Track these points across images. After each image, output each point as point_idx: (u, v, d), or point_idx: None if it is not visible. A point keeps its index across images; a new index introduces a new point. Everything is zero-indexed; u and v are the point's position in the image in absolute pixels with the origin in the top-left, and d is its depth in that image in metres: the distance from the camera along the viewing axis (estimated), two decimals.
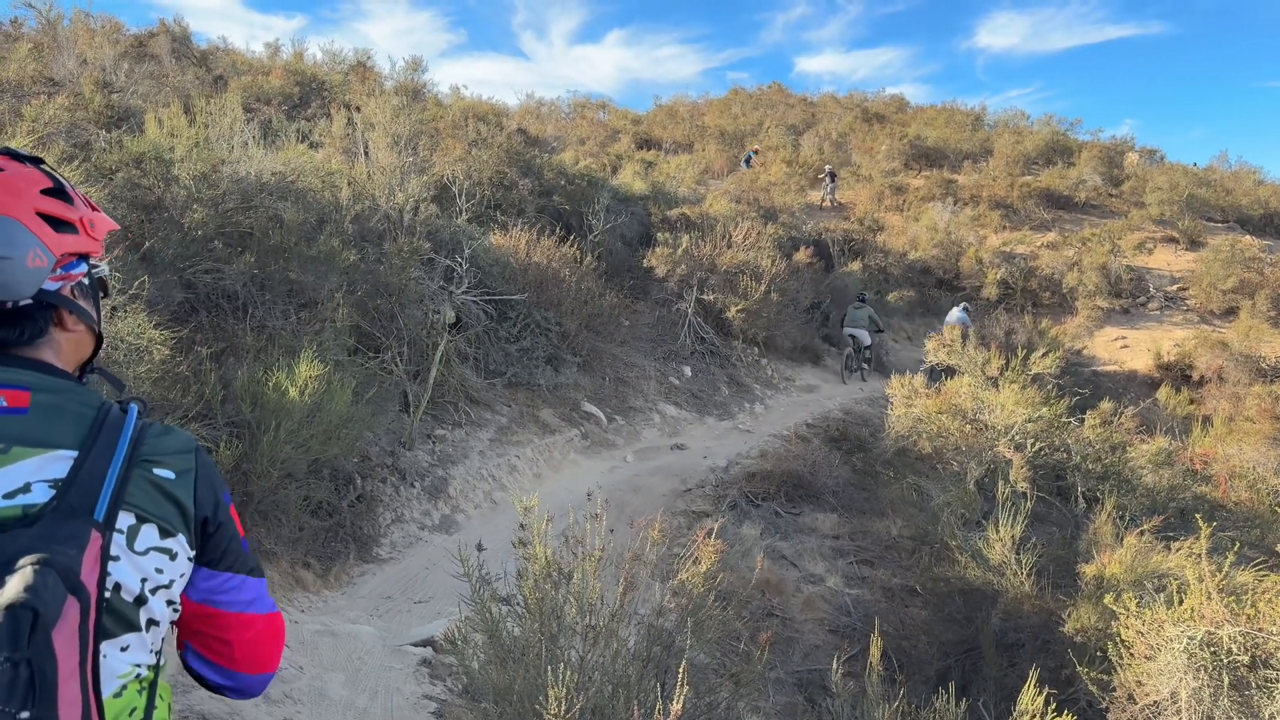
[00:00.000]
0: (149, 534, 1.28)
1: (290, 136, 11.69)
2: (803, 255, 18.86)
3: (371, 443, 8.11)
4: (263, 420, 6.42)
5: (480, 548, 3.56)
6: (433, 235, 10.68)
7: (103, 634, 1.19)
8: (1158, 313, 21.72)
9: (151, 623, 1.29)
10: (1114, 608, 3.64)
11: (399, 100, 11.74)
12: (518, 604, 3.47)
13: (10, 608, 1.02)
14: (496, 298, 11.04)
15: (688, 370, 14.32)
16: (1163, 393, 16.38)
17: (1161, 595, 3.58)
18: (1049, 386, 9.30)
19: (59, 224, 1.34)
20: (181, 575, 1.34)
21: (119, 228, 1.56)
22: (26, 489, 1.18)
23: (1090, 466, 8.18)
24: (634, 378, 13.15)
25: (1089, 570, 6.18)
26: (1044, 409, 8.26)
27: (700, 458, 11.30)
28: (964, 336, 10.75)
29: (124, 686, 1.24)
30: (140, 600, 1.26)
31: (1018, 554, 6.62)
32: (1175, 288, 22.49)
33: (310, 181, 9.19)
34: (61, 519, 1.17)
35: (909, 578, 7.84)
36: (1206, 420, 13.90)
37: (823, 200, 27.75)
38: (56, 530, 1.15)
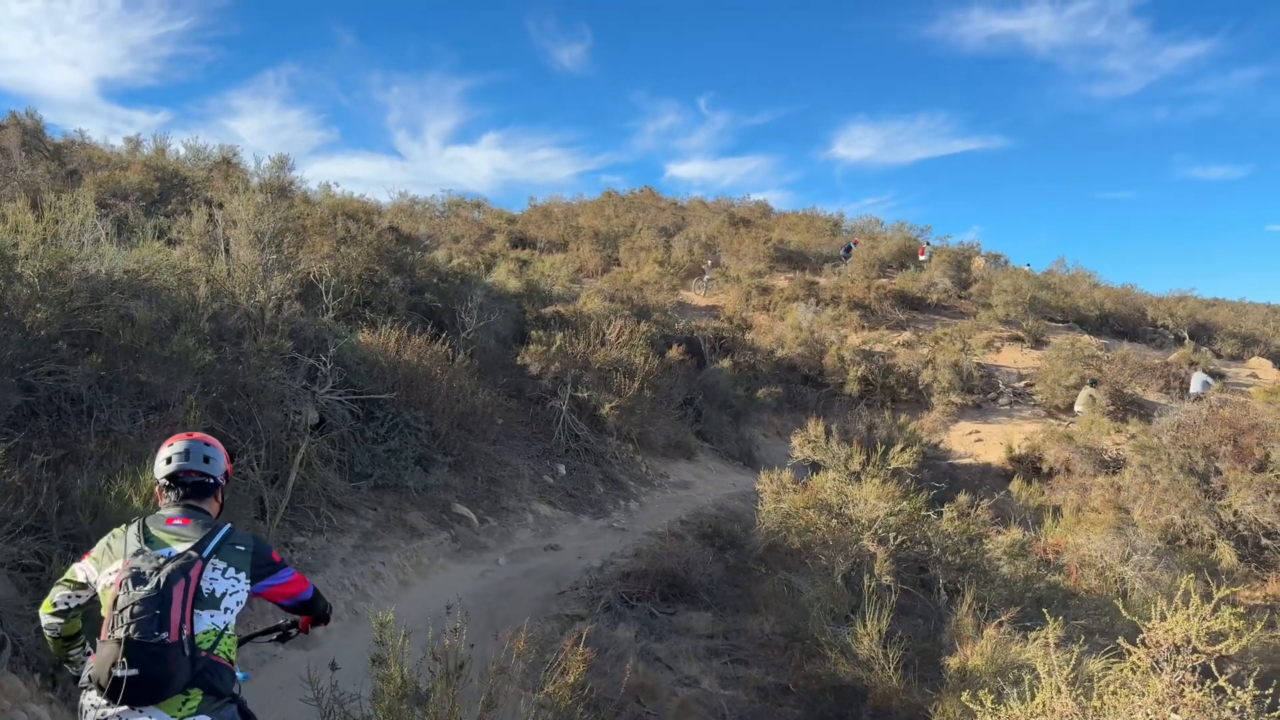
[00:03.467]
0: (229, 571, 2.98)
1: (147, 233, 11.28)
2: (675, 353, 19.20)
3: None
4: (103, 532, 5.97)
5: (334, 666, 3.37)
6: (296, 334, 10.38)
7: (199, 603, 2.85)
8: (1008, 408, 22.95)
9: (226, 610, 2.94)
10: (971, 705, 3.72)
11: (264, 197, 11.51)
12: None
13: (162, 579, 2.75)
14: (363, 397, 10.75)
15: (562, 468, 14.20)
16: (1015, 484, 17.17)
17: (1016, 691, 3.68)
18: (908, 480, 9.63)
19: (229, 460, 3.33)
20: (242, 591, 3.01)
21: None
22: (183, 562, 2.86)
23: (950, 559, 8.45)
24: (507, 477, 12.93)
25: (952, 663, 6.32)
26: (904, 503, 8.54)
27: (575, 558, 11.12)
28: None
29: (205, 631, 2.84)
30: (215, 600, 2.90)
31: (884, 648, 6.72)
32: (1023, 384, 23.85)
33: (165, 279, 8.84)
34: (188, 557, 2.88)
35: (782, 676, 7.82)
36: (1057, 510, 14.59)
37: (701, 290, 28.88)
38: (186, 560, 2.86)
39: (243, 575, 2.96)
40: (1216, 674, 3.53)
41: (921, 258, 32.52)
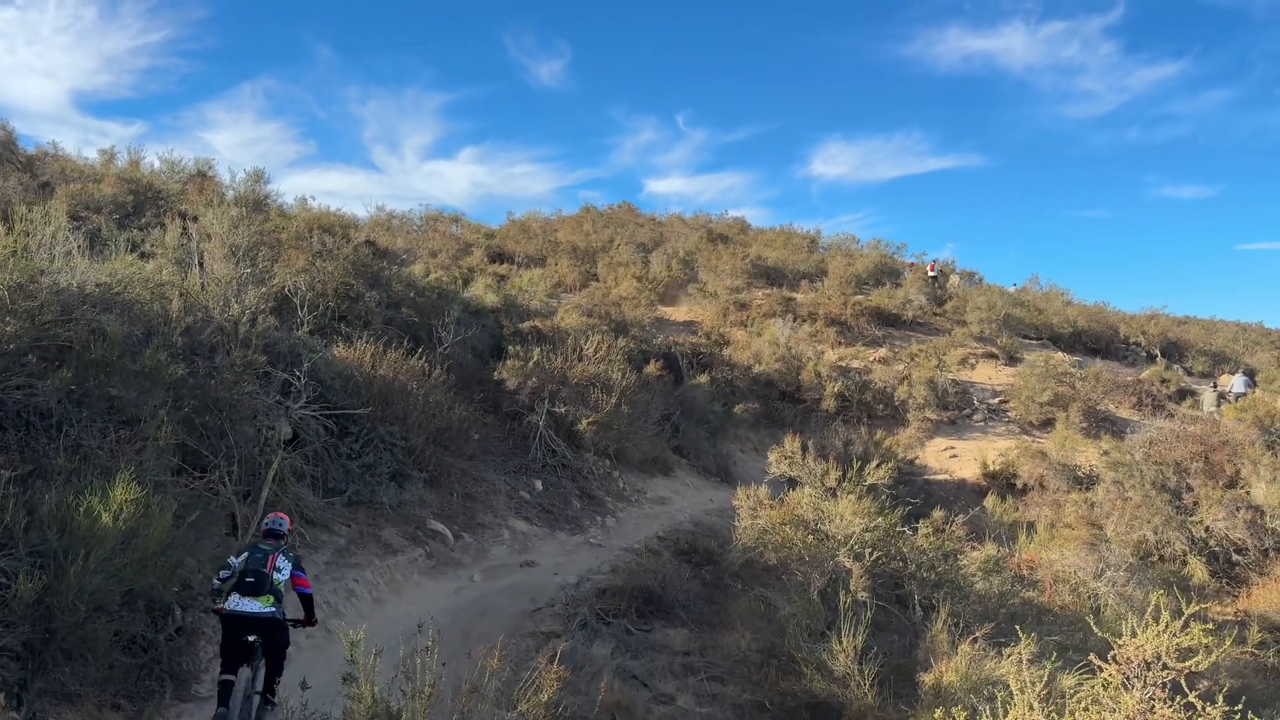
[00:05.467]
0: (284, 562, 6.44)
1: (120, 246, 11.18)
2: (653, 368, 19.17)
3: (194, 570, 7.55)
4: (71, 549, 5.91)
5: (304, 685, 3.32)
6: (270, 348, 10.29)
7: (275, 568, 6.31)
8: (982, 424, 23.09)
9: (281, 575, 6.35)
10: None
11: (238, 211, 11.44)
12: None
13: (262, 554, 6.50)
14: (338, 412, 10.67)
15: (539, 484, 14.14)
16: (990, 500, 17.26)
17: (988, 708, 3.69)
18: (884, 496, 9.66)
19: (290, 523, 7.44)
20: (288, 570, 6.44)
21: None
22: (268, 553, 6.44)
23: (925, 575, 8.47)
24: (483, 493, 12.86)
25: (927, 679, 6.33)
26: (880, 519, 8.55)
27: (551, 575, 11.08)
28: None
29: (278, 580, 6.30)
30: (280, 569, 6.36)
31: (860, 664, 6.72)
32: (997, 400, 24.03)
33: (138, 293, 8.75)
34: (270, 553, 6.43)
35: (758, 693, 7.81)
36: (1030, 526, 14.68)
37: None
38: (271, 553, 6.43)
39: (288, 565, 6.47)
40: (1187, 690, 3.55)
41: (931, 273, 33.00)
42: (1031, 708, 3.37)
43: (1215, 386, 23.50)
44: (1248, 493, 13.34)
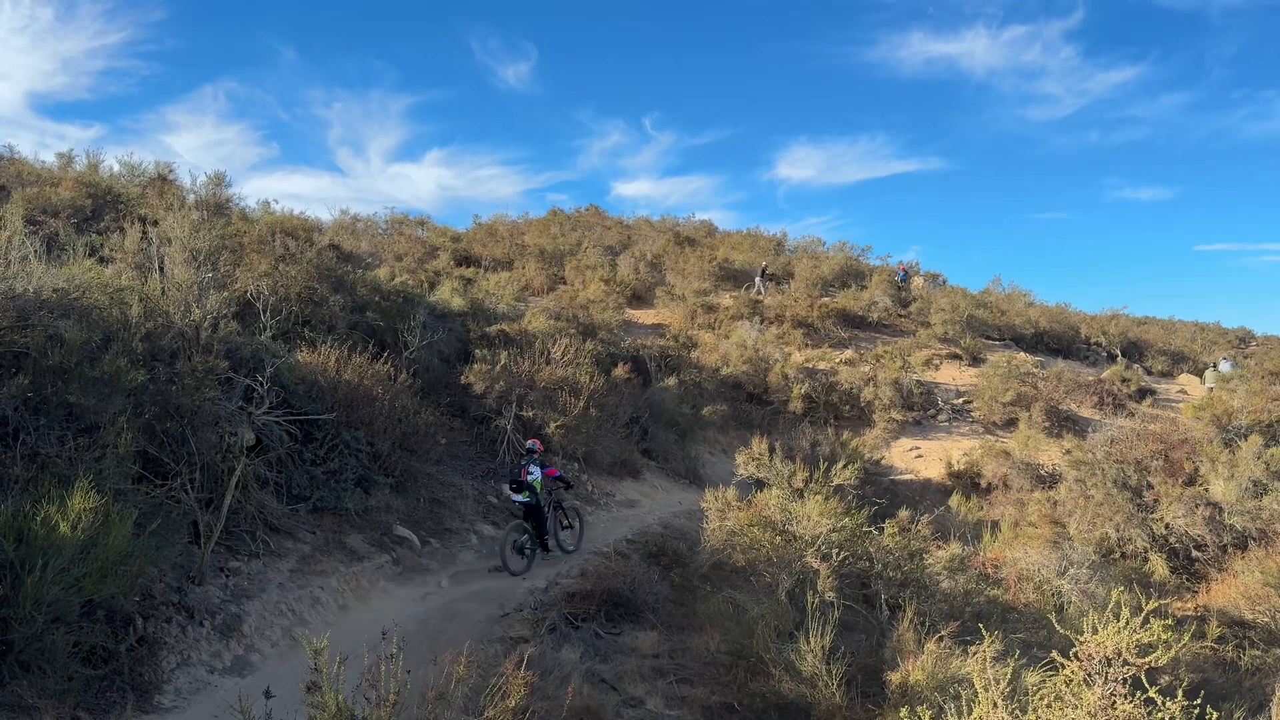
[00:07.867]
0: (534, 467, 11.85)
1: (78, 251, 10.99)
2: (621, 371, 19.15)
3: (155, 579, 7.44)
4: (28, 558, 5.80)
5: (268, 694, 3.28)
6: (232, 353, 10.15)
7: (529, 473, 11.77)
8: (947, 424, 23.34)
9: (533, 477, 11.79)
10: None
11: (200, 214, 11.29)
12: None
13: (519, 468, 12.01)
14: (302, 417, 10.55)
15: (507, 488, 14.07)
16: (955, 499, 17.45)
17: (953, 706, 3.72)
18: (851, 497, 9.72)
19: (540, 445, 12.79)
20: (539, 471, 11.88)
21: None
22: (523, 465, 11.97)
23: (892, 574, 8.53)
24: (450, 498, 12.78)
25: (894, 678, 6.37)
26: (847, 519, 8.60)
27: (519, 579, 11.02)
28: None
29: (529, 479, 11.73)
30: (532, 472, 11.79)
31: (828, 665, 6.75)
32: (961, 401, 24.29)
33: (97, 298, 8.61)
34: (524, 466, 11.96)
35: (727, 695, 7.81)
36: (995, 525, 14.85)
37: (755, 293, 31.10)
38: (523, 466, 11.91)
39: (537, 469, 11.82)
40: (1147, 685, 3.61)
41: (900, 278, 33.46)
42: (995, 705, 3.41)
43: (1216, 366, 25.72)
44: (1206, 490, 13.59)
